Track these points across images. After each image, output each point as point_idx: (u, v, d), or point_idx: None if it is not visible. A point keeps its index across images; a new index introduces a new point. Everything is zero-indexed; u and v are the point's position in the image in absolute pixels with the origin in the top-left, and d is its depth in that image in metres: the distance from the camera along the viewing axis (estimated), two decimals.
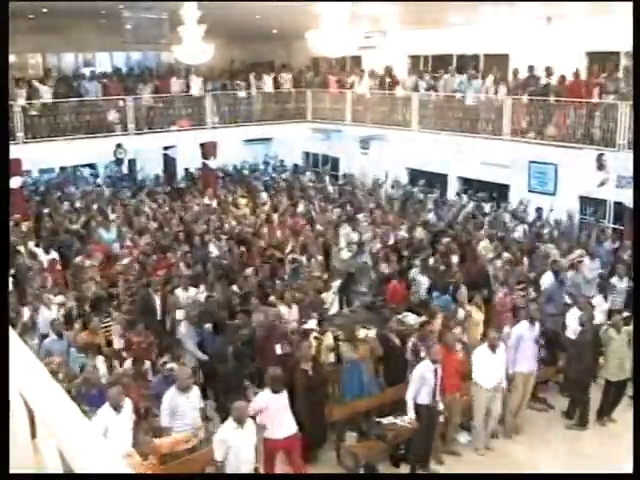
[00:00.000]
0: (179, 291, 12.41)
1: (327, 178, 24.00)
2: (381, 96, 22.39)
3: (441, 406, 9.41)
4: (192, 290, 12.47)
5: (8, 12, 3.19)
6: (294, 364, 9.76)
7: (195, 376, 9.36)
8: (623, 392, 10.90)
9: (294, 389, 9.32)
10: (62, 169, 25.43)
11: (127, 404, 8.15)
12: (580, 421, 10.78)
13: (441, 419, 9.51)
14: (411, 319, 11.35)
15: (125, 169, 24.39)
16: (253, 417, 8.20)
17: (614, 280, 12.94)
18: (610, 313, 12.10)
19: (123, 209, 18.54)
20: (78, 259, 13.95)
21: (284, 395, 8.57)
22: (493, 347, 9.81)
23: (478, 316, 11.64)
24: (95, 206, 18.48)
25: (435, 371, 9.22)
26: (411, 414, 9.24)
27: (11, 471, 2.57)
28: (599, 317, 12.12)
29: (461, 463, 9.84)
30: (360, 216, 17.58)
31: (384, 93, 22.28)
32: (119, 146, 20.43)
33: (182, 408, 8.35)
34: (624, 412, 10.78)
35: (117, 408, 7.93)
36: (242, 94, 23.19)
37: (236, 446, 7.52)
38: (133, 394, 8.64)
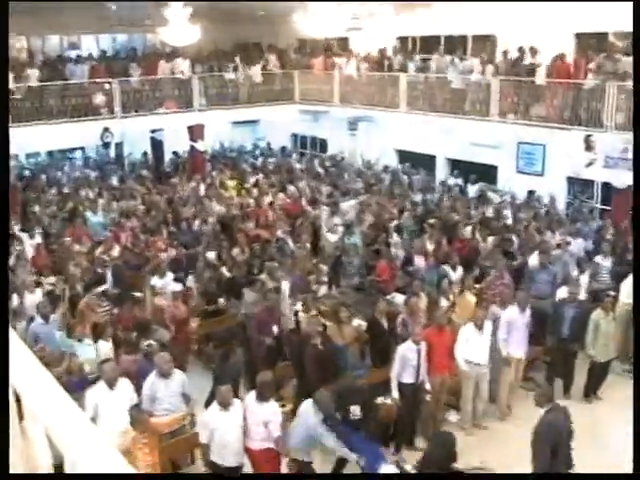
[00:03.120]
0: (155, 279, 12.28)
1: (316, 160, 23.96)
2: (369, 77, 22.31)
3: (427, 386, 9.44)
4: (169, 275, 12.38)
5: (8, 12, 3.13)
6: (304, 339, 9.78)
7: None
8: (608, 371, 11.03)
9: (304, 364, 9.36)
10: (49, 153, 25.28)
11: (124, 383, 8.16)
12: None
13: (427, 398, 9.53)
14: (399, 299, 11.36)
15: (112, 153, 24.31)
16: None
17: (598, 258, 13.00)
18: (595, 292, 12.19)
19: (110, 193, 18.45)
20: (66, 241, 13.89)
21: (268, 407, 7.85)
22: (480, 326, 9.84)
23: (470, 299, 11.64)
24: (83, 191, 18.38)
25: (418, 352, 9.24)
26: (394, 393, 9.27)
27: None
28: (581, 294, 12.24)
29: None
30: (348, 198, 17.56)
31: (373, 75, 22.22)
32: (106, 129, 20.31)
33: (161, 394, 8.27)
34: (609, 389, 10.99)
35: (111, 385, 7.95)
36: (229, 76, 23.06)
37: (221, 429, 7.54)
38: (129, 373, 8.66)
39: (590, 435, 10.05)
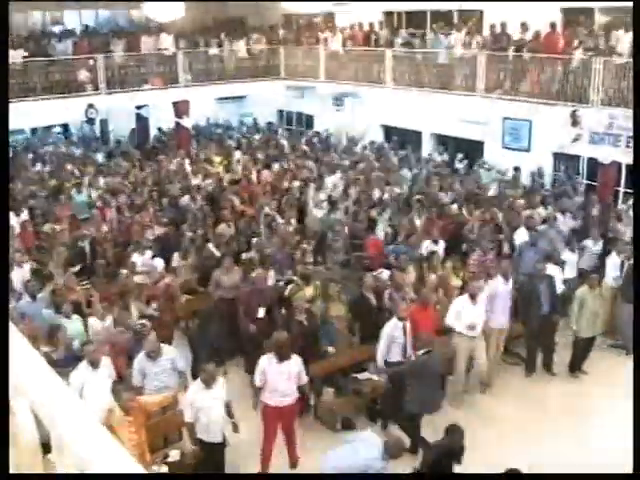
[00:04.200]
0: (135, 255, 12.27)
1: (302, 136, 23.89)
2: (355, 53, 22.21)
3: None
4: (148, 253, 12.36)
5: (8, 12, 3.10)
6: (288, 316, 9.81)
7: None
8: (592, 346, 11.15)
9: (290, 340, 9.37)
10: (33, 130, 25.08)
11: (106, 362, 8.22)
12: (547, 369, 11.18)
13: None
14: (386, 275, 11.39)
15: (97, 129, 24.14)
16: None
17: (587, 242, 13.05)
18: (581, 273, 12.27)
19: (96, 170, 18.33)
20: (50, 220, 13.84)
21: (290, 363, 8.26)
22: (474, 297, 9.90)
23: (456, 282, 11.67)
24: (67, 168, 18.25)
25: (404, 328, 9.28)
26: (378, 373, 9.35)
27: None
28: (570, 271, 12.31)
29: (436, 417, 9.95)
30: (333, 174, 17.54)
31: (359, 50, 22.10)
32: (90, 106, 20.15)
33: (149, 371, 8.34)
34: (593, 365, 11.13)
35: (94, 365, 8.03)
36: (214, 51, 22.90)
37: (205, 407, 7.60)
38: (112, 351, 8.66)
39: (575, 409, 10.19)
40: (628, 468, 5.60)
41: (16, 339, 2.74)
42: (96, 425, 2.29)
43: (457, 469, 7.36)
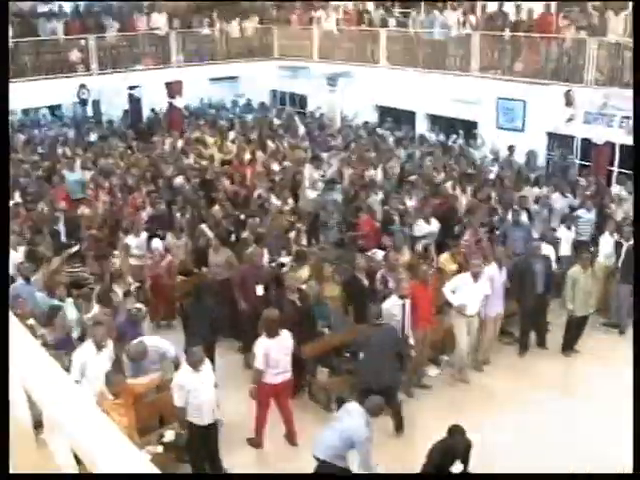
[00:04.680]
0: (130, 237, 12.26)
1: (295, 117, 23.79)
2: (349, 32, 22.11)
3: (411, 341, 9.51)
4: (143, 235, 12.35)
5: (8, 12, 3.06)
6: (281, 296, 9.80)
7: None
8: (585, 325, 11.19)
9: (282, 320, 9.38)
10: (24, 112, 24.88)
11: (109, 345, 8.23)
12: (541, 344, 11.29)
13: (412, 353, 9.62)
14: (380, 255, 11.39)
15: (89, 110, 23.98)
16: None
17: (581, 212, 13.08)
18: (576, 245, 12.30)
19: (89, 151, 18.23)
20: (40, 205, 13.77)
21: (282, 338, 8.44)
22: (475, 276, 9.91)
23: (451, 267, 11.69)
24: (60, 150, 18.15)
25: (403, 307, 9.30)
26: None
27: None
28: (565, 248, 12.34)
29: (430, 396, 10.02)
30: (328, 154, 17.49)
31: (353, 30, 22.01)
32: (82, 86, 20.06)
33: (135, 369, 8.39)
34: (587, 343, 11.19)
35: (100, 347, 8.06)
36: (206, 31, 22.77)
37: (194, 390, 7.63)
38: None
39: (569, 387, 10.26)
40: (628, 468, 5.58)
41: (9, 320, 2.74)
42: (89, 405, 2.29)
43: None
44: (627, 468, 7.65)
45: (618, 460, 8.02)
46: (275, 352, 8.31)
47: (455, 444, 7.24)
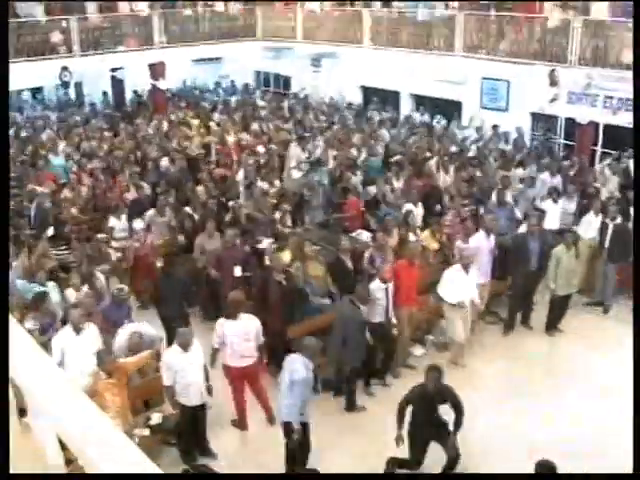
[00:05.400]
0: (112, 220, 12.23)
1: (284, 98, 23.70)
2: (333, 13, 22.01)
3: (394, 320, 9.52)
4: (124, 217, 12.33)
5: (8, 12, 3.02)
6: (267, 276, 9.81)
7: None
8: (568, 304, 11.25)
9: (269, 301, 9.38)
10: None
11: (91, 327, 8.21)
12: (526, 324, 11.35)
13: (395, 332, 9.66)
14: (364, 236, 11.39)
15: (72, 93, 23.77)
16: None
17: (562, 201, 13.11)
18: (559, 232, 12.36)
19: (72, 134, 18.09)
20: (29, 187, 13.67)
21: (241, 322, 8.43)
22: (466, 267, 9.91)
23: (433, 244, 11.71)
24: (43, 135, 17.98)
25: (386, 290, 9.30)
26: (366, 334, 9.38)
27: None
28: (551, 223, 12.42)
29: (417, 376, 10.04)
30: (313, 135, 17.46)
31: (337, 10, 21.91)
32: (64, 69, 19.87)
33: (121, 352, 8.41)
34: (570, 323, 11.27)
35: (78, 330, 8.03)
36: (188, 12, 22.60)
37: (182, 370, 7.65)
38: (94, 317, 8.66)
39: (552, 367, 10.33)
40: (611, 446, 5.64)
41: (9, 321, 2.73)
42: (73, 390, 2.30)
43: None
44: (610, 446, 7.77)
45: (601, 438, 8.14)
46: (232, 334, 8.28)
47: (427, 381, 7.36)
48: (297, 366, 7.45)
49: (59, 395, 2.24)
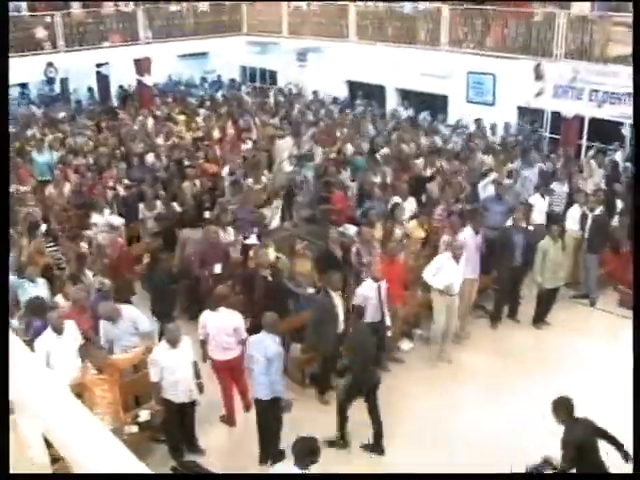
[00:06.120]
0: (95, 216, 12.15)
1: (270, 93, 23.65)
2: (318, 7, 21.96)
3: (388, 322, 9.50)
4: (106, 212, 12.28)
5: (8, 12, 2.99)
6: (253, 272, 9.80)
7: None
8: (555, 297, 11.31)
9: (253, 296, 9.42)
10: None
11: (70, 326, 8.16)
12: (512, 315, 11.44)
13: (389, 334, 9.66)
14: (352, 230, 11.40)
15: (57, 88, 23.65)
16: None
17: (554, 185, 13.17)
18: (549, 216, 12.40)
19: (57, 130, 17.99)
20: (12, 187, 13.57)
21: (221, 315, 8.51)
22: (456, 257, 9.90)
23: (419, 233, 11.74)
24: (29, 131, 17.86)
25: (378, 289, 9.27)
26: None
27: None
28: (538, 217, 12.46)
29: (405, 370, 10.08)
30: (299, 130, 17.44)
31: (322, 5, 21.85)
32: (49, 64, 19.73)
33: (113, 335, 8.42)
34: (557, 316, 11.34)
35: (58, 331, 7.99)
36: (174, 8, 22.50)
37: (170, 367, 7.65)
38: (79, 316, 8.61)
39: (540, 358, 10.37)
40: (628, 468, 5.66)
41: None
42: (59, 388, 2.29)
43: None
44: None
45: None
46: (212, 326, 8.44)
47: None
48: (267, 343, 7.67)
49: (45, 393, 2.23)
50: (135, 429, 7.87)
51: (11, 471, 2.39)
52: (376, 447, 8.32)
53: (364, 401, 8.23)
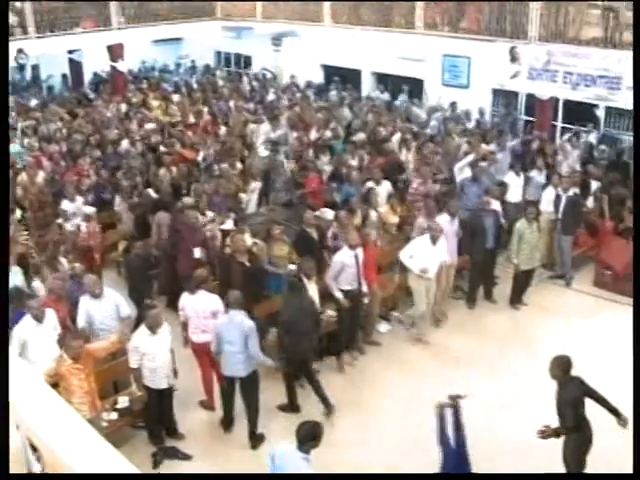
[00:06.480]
0: (65, 203, 12.04)
1: (245, 78, 23.53)
2: None
3: (365, 288, 9.55)
4: (79, 200, 12.20)
5: (8, 12, 2.93)
6: (230, 258, 9.79)
7: None
8: (532, 278, 11.44)
9: (232, 283, 9.33)
10: None
11: (50, 315, 8.10)
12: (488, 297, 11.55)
13: (365, 300, 9.69)
14: (329, 214, 11.39)
15: (28, 76, 23.39)
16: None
17: (532, 173, 13.22)
18: (526, 204, 12.47)
19: (30, 118, 17.79)
20: None
21: (197, 297, 8.56)
22: (434, 239, 9.91)
23: (392, 219, 11.76)
24: None
25: (355, 257, 9.32)
26: (337, 294, 9.37)
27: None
28: (514, 195, 12.56)
29: (382, 352, 10.13)
30: (275, 115, 17.38)
31: None
32: (20, 51, 19.44)
33: (94, 313, 8.41)
34: (533, 296, 11.47)
35: (39, 319, 7.91)
36: None
37: (150, 353, 7.64)
38: (55, 305, 8.54)
39: (516, 337, 10.47)
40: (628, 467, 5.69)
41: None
42: (37, 381, 2.27)
43: None
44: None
45: None
46: (189, 308, 8.53)
47: None
48: (240, 318, 7.81)
49: (23, 389, 2.22)
50: (114, 416, 7.87)
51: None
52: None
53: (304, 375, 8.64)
